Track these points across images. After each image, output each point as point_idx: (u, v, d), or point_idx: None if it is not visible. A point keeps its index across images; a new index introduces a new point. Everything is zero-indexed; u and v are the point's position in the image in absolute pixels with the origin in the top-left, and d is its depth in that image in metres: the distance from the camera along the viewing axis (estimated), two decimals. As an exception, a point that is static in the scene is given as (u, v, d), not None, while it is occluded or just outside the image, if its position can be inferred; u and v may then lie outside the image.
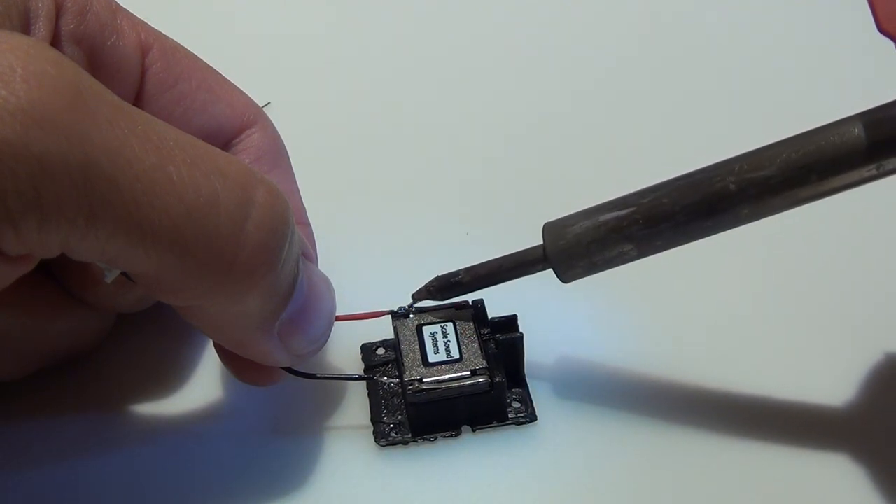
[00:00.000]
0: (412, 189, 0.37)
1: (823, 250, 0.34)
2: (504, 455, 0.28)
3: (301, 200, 0.30)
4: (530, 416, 0.28)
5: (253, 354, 0.26)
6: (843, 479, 0.27)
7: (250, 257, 0.23)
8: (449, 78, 0.42)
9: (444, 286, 0.29)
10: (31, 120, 0.20)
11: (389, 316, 0.30)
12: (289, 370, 0.27)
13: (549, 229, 0.28)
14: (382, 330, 0.30)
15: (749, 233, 0.33)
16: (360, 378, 0.29)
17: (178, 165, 0.22)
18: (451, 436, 0.28)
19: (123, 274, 0.23)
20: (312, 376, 0.29)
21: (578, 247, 0.27)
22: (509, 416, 0.28)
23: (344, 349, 0.30)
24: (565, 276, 0.28)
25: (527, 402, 0.29)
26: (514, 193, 0.36)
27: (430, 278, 0.30)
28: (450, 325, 0.29)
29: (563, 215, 0.28)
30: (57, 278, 0.27)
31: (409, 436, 0.28)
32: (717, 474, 0.27)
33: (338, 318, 0.28)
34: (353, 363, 0.30)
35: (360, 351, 0.31)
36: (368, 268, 0.33)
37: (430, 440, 0.28)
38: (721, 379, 0.30)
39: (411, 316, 0.29)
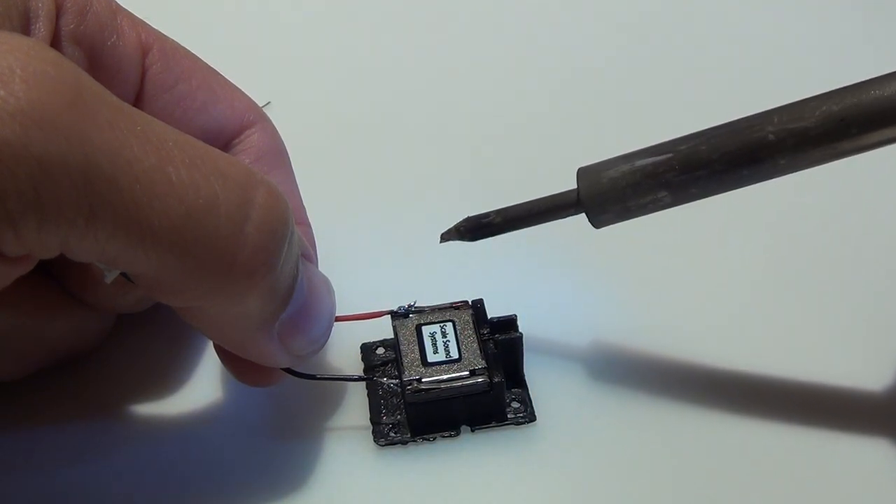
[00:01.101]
0: (412, 189, 0.36)
1: (831, 234, 0.34)
2: (503, 455, 0.28)
3: (301, 201, 0.30)
4: (529, 416, 0.28)
5: (253, 355, 0.26)
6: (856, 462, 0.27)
7: (250, 258, 0.23)
8: (449, 79, 0.42)
9: (474, 226, 0.29)
10: (30, 121, 0.20)
11: (389, 316, 0.30)
12: (288, 371, 0.27)
13: (584, 173, 0.27)
14: (382, 330, 0.30)
15: (756, 228, 0.34)
16: (359, 379, 0.30)
17: (177, 166, 0.22)
18: (451, 436, 0.28)
19: (123, 275, 0.23)
20: (312, 377, 0.29)
21: (613, 191, 0.27)
22: (508, 416, 0.28)
23: (343, 349, 0.30)
24: (597, 221, 0.27)
25: (526, 402, 0.29)
26: (514, 193, 0.36)
27: (426, 279, 0.30)
28: (449, 325, 0.29)
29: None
30: (57, 279, 0.27)
31: (409, 436, 0.28)
32: (720, 474, 0.27)
33: (337, 319, 0.28)
34: (352, 363, 0.30)
35: (359, 350, 0.31)
36: (368, 268, 0.33)
37: (429, 440, 0.28)
38: (726, 380, 0.30)
39: (411, 316, 0.29)
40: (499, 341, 0.29)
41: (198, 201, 0.22)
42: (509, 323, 0.29)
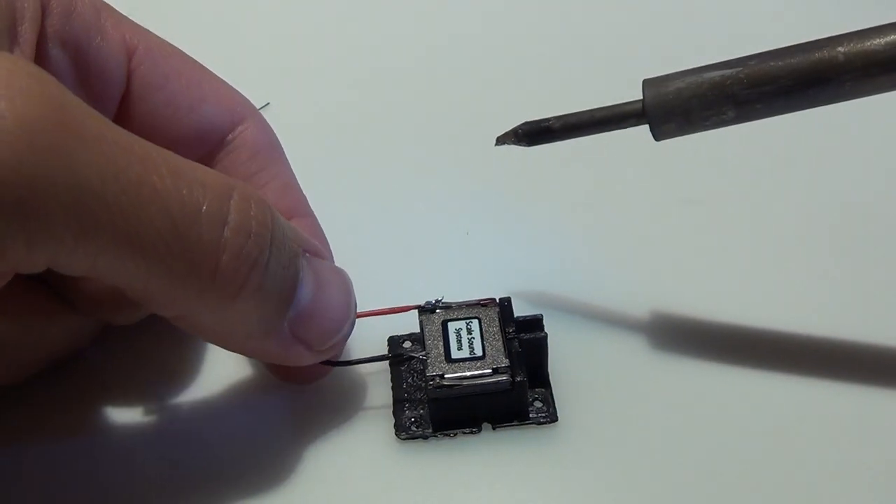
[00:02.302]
0: (441, 186, 0.37)
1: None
2: (523, 454, 0.28)
3: (301, 193, 0.30)
4: (551, 417, 0.28)
5: (273, 358, 0.26)
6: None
7: (231, 261, 0.23)
8: (450, 73, 0.42)
9: (532, 131, 0.29)
10: (17, 141, 0.19)
11: (416, 311, 0.30)
12: (326, 361, 0.28)
13: (650, 83, 0.27)
14: (411, 324, 0.30)
15: (778, 226, 0.34)
16: (391, 357, 0.30)
17: (162, 176, 0.22)
18: (472, 432, 0.28)
19: None
20: (348, 363, 0.29)
21: (678, 100, 0.27)
22: (530, 415, 0.28)
23: (371, 342, 0.30)
24: (659, 132, 0.27)
25: (549, 402, 0.29)
26: (515, 180, 0.36)
27: (455, 275, 0.30)
28: (475, 322, 0.29)
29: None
30: (51, 285, 0.27)
31: (430, 430, 0.28)
32: (740, 477, 0.27)
33: (365, 314, 0.29)
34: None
35: (387, 344, 0.31)
36: (397, 263, 0.33)
37: (449, 436, 0.28)
38: (750, 384, 0.29)
39: (438, 311, 0.30)
40: (524, 340, 0.29)
41: (182, 209, 0.22)
42: (535, 322, 0.29)
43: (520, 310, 0.30)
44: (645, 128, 0.28)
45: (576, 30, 0.44)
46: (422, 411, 0.29)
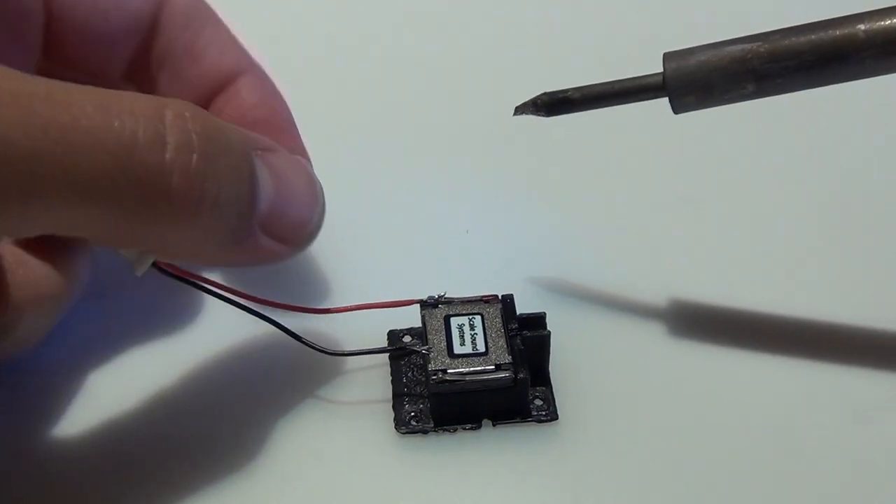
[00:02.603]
0: (445, 180, 0.36)
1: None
2: (522, 451, 0.28)
3: (242, 47, 0.31)
4: (551, 415, 0.28)
5: (252, 263, 0.26)
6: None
7: (181, 181, 0.22)
8: (451, 70, 0.42)
9: (552, 101, 0.29)
10: None
11: (418, 305, 0.29)
12: (323, 350, 0.28)
13: (671, 56, 0.28)
14: (410, 318, 0.30)
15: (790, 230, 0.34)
16: (395, 350, 0.29)
17: (89, 116, 0.21)
18: (472, 428, 0.28)
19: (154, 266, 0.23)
20: (352, 353, 0.29)
21: (699, 73, 0.27)
22: (531, 413, 0.28)
23: (371, 336, 0.30)
24: (679, 105, 0.28)
25: (549, 400, 0.29)
26: (518, 176, 0.36)
27: (457, 270, 0.30)
28: (477, 318, 0.29)
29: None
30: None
31: (430, 425, 0.28)
32: (742, 476, 0.27)
33: (366, 307, 0.29)
34: (379, 349, 0.30)
35: (386, 338, 0.31)
36: (399, 257, 0.33)
37: (449, 431, 0.28)
38: (746, 383, 0.29)
39: (440, 306, 0.29)
40: (526, 338, 0.28)
41: (118, 142, 0.21)
42: (538, 320, 0.29)
43: (522, 307, 0.29)
44: (650, 122, 0.28)
45: (585, 23, 0.44)
46: (422, 406, 0.28)
